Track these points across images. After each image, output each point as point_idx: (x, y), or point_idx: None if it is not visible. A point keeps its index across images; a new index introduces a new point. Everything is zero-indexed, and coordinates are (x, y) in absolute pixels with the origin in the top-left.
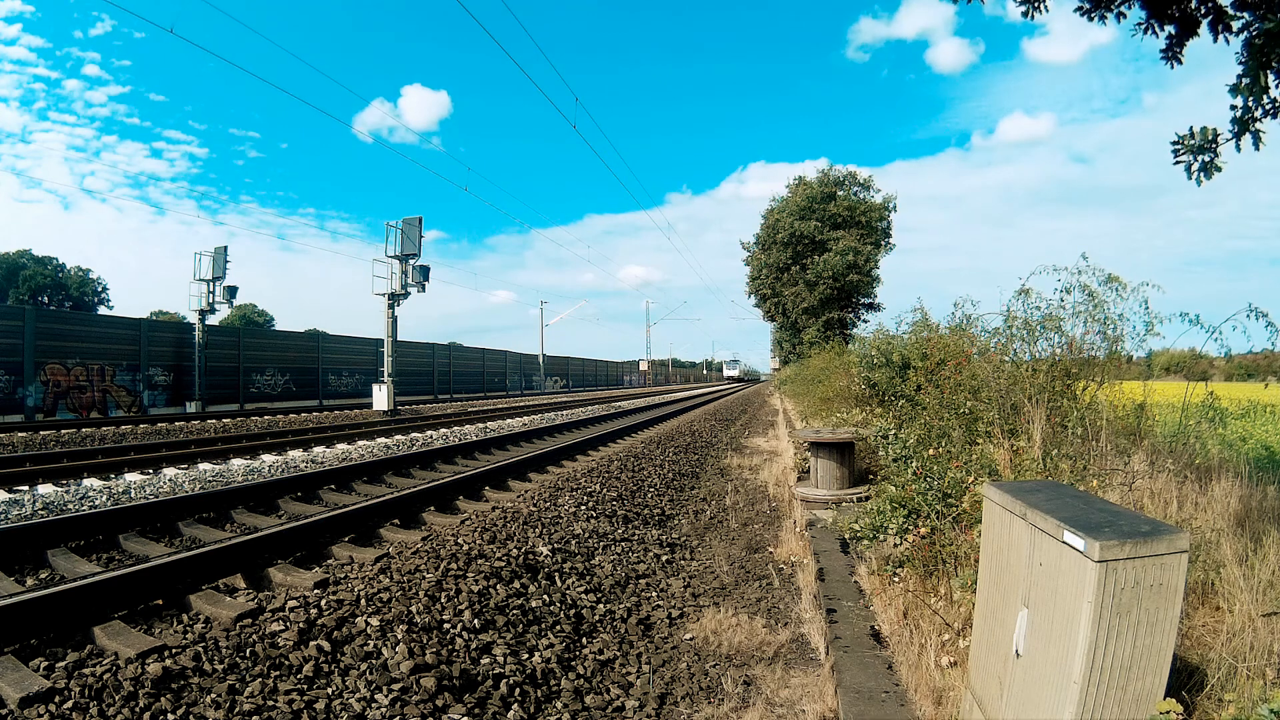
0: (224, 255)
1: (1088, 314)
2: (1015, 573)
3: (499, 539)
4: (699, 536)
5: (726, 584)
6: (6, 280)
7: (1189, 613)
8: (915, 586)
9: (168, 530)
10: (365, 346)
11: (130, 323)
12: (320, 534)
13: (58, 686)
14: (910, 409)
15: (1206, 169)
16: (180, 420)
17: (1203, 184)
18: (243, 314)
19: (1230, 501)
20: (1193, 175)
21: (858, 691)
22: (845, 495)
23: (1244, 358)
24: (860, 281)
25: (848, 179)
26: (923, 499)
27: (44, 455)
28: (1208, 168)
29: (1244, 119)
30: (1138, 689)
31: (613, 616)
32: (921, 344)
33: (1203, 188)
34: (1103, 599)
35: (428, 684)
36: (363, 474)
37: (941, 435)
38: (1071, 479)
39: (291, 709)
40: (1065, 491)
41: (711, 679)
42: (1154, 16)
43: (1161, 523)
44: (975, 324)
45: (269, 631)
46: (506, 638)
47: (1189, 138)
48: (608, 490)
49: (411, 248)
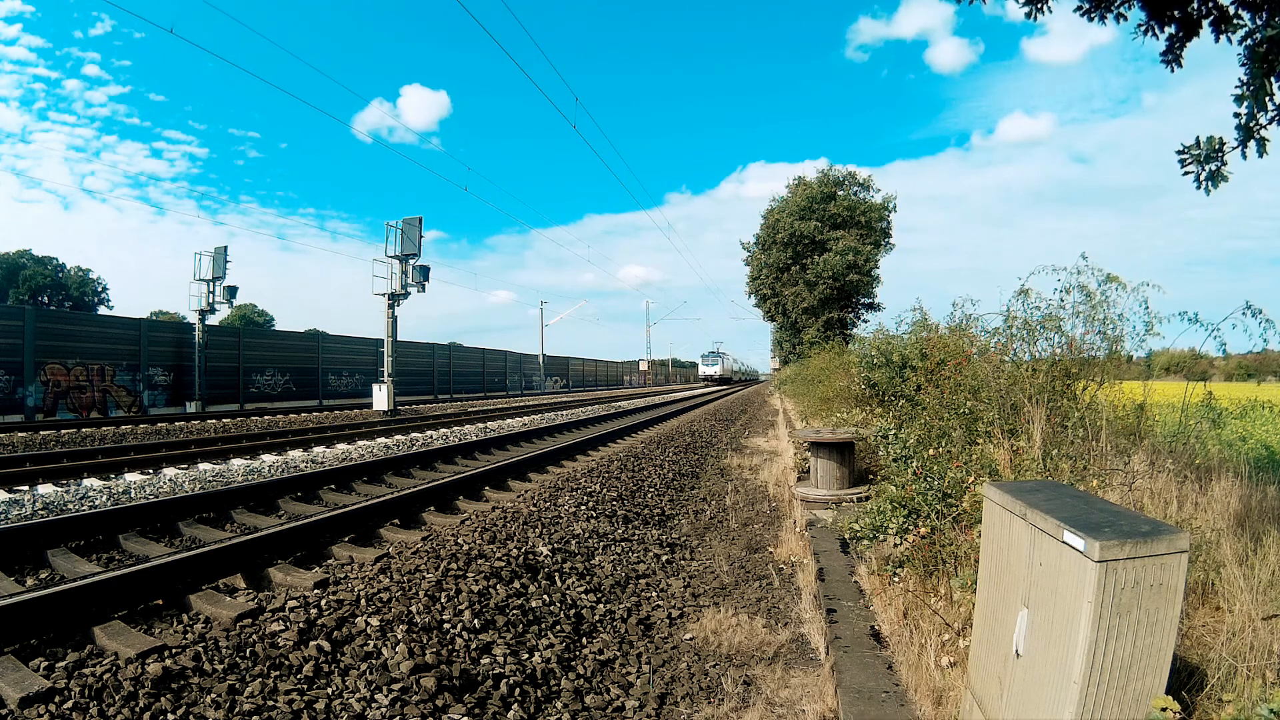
0: (224, 255)
1: (1087, 314)
2: (1015, 573)
3: (499, 539)
4: (699, 536)
5: (726, 584)
6: (6, 280)
7: (1189, 613)
8: (915, 586)
9: (168, 530)
10: (365, 346)
11: (130, 323)
12: (320, 534)
13: (58, 686)
14: (910, 409)
15: (1214, 178)
16: (180, 420)
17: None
18: (243, 314)
19: (1230, 501)
20: (1201, 184)
21: (858, 691)
22: (845, 495)
23: (1244, 357)
24: (860, 281)
25: (847, 179)
26: (923, 499)
27: (44, 455)
28: (1215, 176)
29: (1248, 125)
30: (1138, 689)
31: (613, 616)
32: (921, 344)
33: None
34: (1103, 599)
35: (428, 684)
36: (363, 474)
37: (941, 435)
38: (1071, 479)
39: (291, 709)
40: (1065, 491)
41: (711, 679)
42: (1154, 18)
43: (1161, 523)
44: (975, 324)
45: (269, 631)
46: (506, 638)
47: (1195, 147)
48: (608, 490)
49: (411, 248)
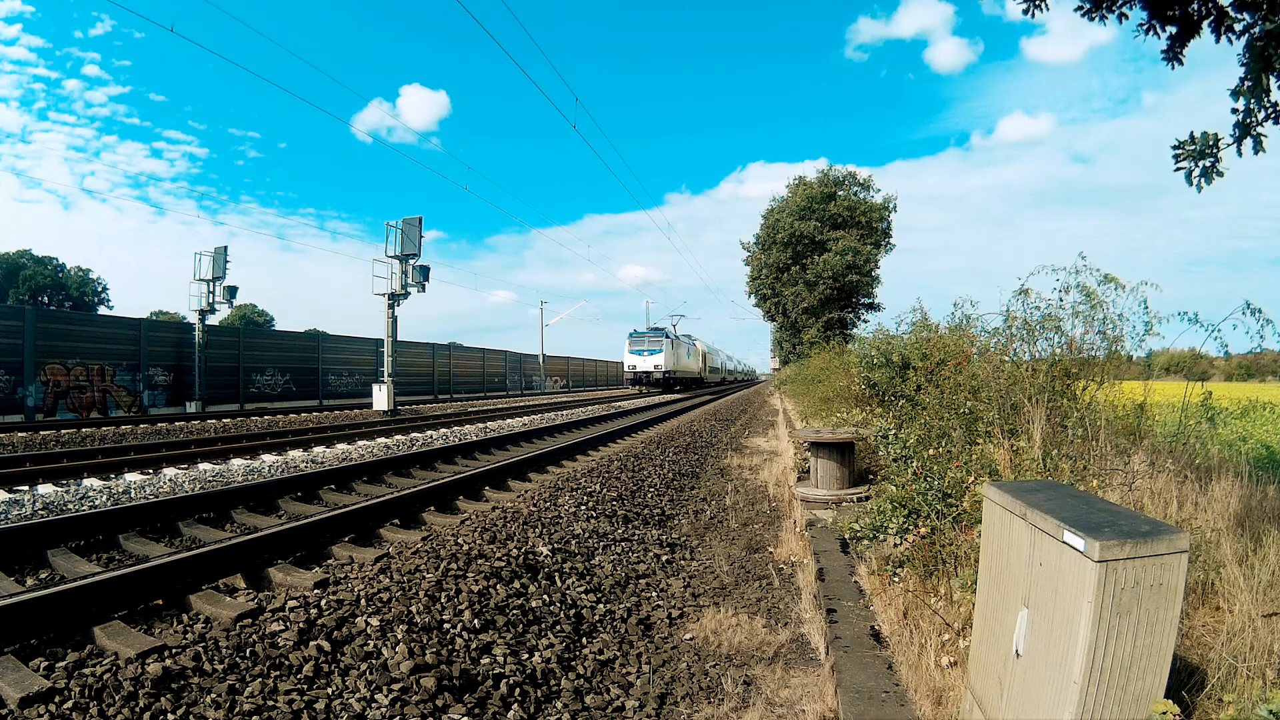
0: (224, 255)
1: (1086, 314)
2: (1015, 573)
3: (499, 539)
4: (699, 536)
5: (726, 584)
6: (6, 280)
7: (1189, 613)
8: (915, 586)
9: (168, 530)
10: (365, 346)
11: (130, 323)
12: (320, 534)
13: (58, 686)
14: (910, 409)
15: (1207, 174)
16: (180, 420)
17: (1203, 190)
18: (243, 314)
19: (1230, 501)
20: (1193, 181)
21: (858, 691)
22: (845, 495)
23: (1244, 357)
24: (860, 281)
25: (848, 179)
26: (923, 499)
27: (44, 455)
28: (1208, 173)
29: (1245, 122)
30: (1138, 689)
31: (613, 616)
32: (921, 344)
33: (1203, 188)
34: (1103, 599)
35: (428, 684)
36: (362, 474)
37: (941, 435)
38: (1071, 479)
39: (291, 709)
40: (1065, 491)
41: (711, 679)
42: (1155, 17)
43: (1161, 523)
44: (975, 324)
45: (269, 631)
46: (506, 638)
47: (1189, 143)
48: (608, 490)
49: (411, 248)
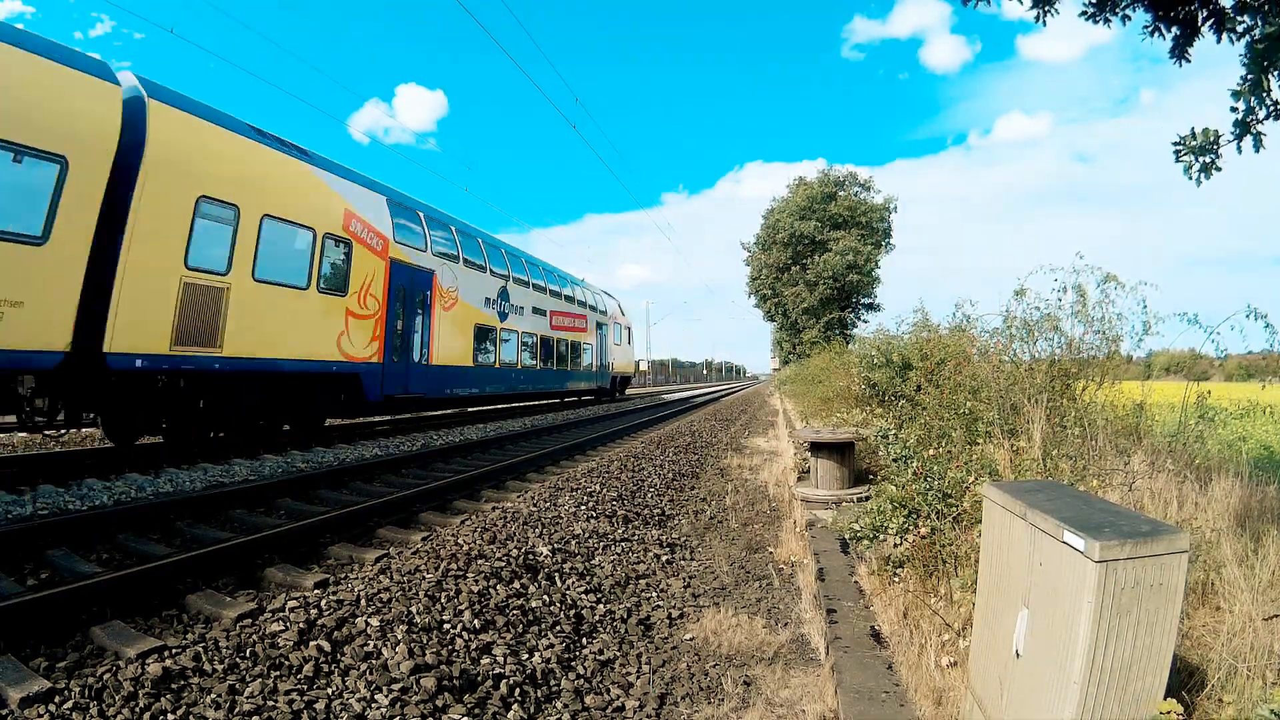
0: None
1: (1084, 314)
2: (1015, 573)
3: (499, 539)
4: (699, 536)
5: (726, 584)
6: None
7: (1189, 613)
8: (915, 586)
9: (168, 530)
10: None
11: None
12: (320, 534)
13: (58, 686)
14: (910, 409)
15: (1206, 169)
16: None
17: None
18: None
19: (1230, 501)
20: (1192, 176)
21: (858, 692)
22: (845, 495)
23: (1245, 358)
24: (860, 281)
25: (848, 179)
26: (923, 499)
27: (44, 455)
28: (1207, 168)
29: (1245, 121)
30: (1138, 689)
31: (613, 616)
32: (921, 344)
33: (1204, 187)
34: (1103, 599)
35: (428, 684)
36: (362, 474)
37: (941, 435)
38: (1071, 479)
39: (291, 709)
40: (1065, 491)
41: (711, 679)
42: (1160, 19)
43: (1161, 523)
44: (975, 324)
45: (269, 631)
46: (506, 638)
47: (1190, 139)
48: (608, 490)
49: None
